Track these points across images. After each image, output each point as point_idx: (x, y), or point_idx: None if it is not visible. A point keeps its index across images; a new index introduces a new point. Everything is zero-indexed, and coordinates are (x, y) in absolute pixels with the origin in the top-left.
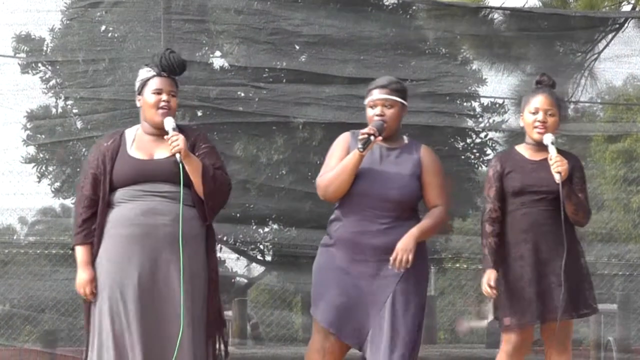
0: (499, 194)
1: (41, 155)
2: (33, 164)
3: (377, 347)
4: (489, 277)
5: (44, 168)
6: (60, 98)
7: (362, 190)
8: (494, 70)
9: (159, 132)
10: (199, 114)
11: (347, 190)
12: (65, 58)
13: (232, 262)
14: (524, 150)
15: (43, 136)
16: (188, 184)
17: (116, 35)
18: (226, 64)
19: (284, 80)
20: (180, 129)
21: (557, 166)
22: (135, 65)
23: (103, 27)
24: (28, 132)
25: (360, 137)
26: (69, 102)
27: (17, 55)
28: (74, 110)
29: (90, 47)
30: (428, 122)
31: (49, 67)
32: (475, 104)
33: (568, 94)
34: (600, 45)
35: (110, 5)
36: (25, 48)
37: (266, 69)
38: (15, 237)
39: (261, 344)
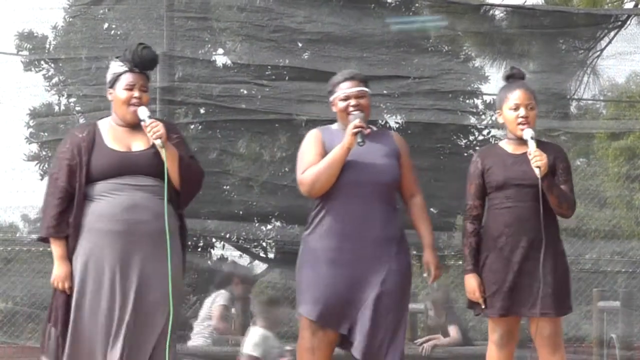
0: (479, 191)
1: (44, 153)
2: (36, 162)
3: (371, 341)
4: (474, 283)
5: (46, 166)
6: (63, 95)
7: (350, 179)
8: (496, 68)
9: (132, 126)
10: (202, 111)
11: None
12: (68, 55)
13: (235, 259)
14: (506, 145)
15: (46, 134)
16: (164, 176)
17: (119, 32)
18: (229, 62)
19: (287, 78)
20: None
21: (536, 160)
22: None
23: (106, 25)
24: (31, 129)
25: (354, 130)
26: (72, 100)
27: (20, 52)
28: (77, 108)
29: (93, 44)
30: (431, 119)
31: (52, 65)
32: (478, 101)
33: (571, 91)
34: (603, 43)
35: (113, 3)
36: (28, 46)
37: (269, 67)
38: (17, 235)
39: None
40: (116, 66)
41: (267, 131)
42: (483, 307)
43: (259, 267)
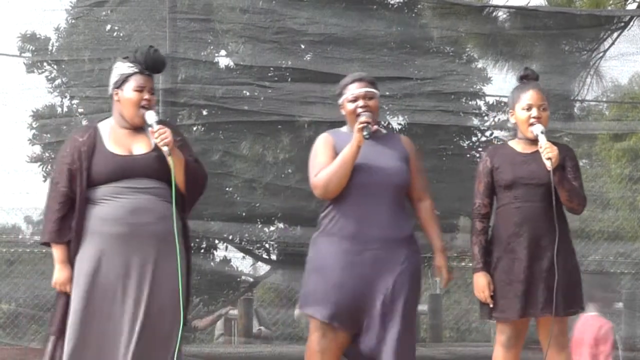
0: (488, 189)
1: (47, 155)
2: (39, 163)
3: (374, 339)
4: (483, 282)
5: (49, 167)
6: (65, 97)
7: (360, 180)
8: (498, 69)
9: (134, 128)
10: (205, 113)
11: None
12: (71, 57)
13: (238, 261)
14: (515, 144)
15: (49, 135)
16: (168, 179)
17: (122, 34)
18: (232, 63)
19: (290, 79)
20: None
21: (547, 153)
22: None
23: (108, 26)
24: (34, 131)
25: (360, 125)
26: (75, 102)
27: (23, 54)
28: (80, 110)
29: (96, 46)
30: (433, 120)
31: (55, 67)
32: (481, 103)
33: (574, 92)
34: (606, 44)
35: (116, 4)
36: (31, 47)
37: (271, 68)
38: (20, 237)
39: (267, 343)
40: (124, 67)
41: (269, 133)
42: (491, 306)
43: (262, 268)
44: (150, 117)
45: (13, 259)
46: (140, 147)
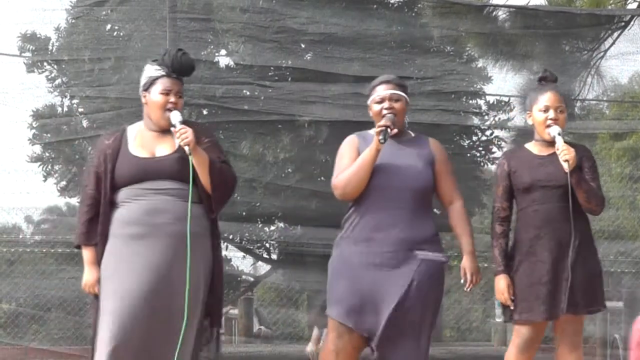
0: (506, 193)
1: (47, 154)
2: (39, 163)
3: (391, 341)
4: (503, 284)
5: (49, 167)
6: (66, 97)
7: (380, 183)
8: (499, 68)
9: (162, 130)
10: (205, 112)
11: (364, 186)
12: (71, 57)
13: (238, 260)
14: (532, 147)
15: (49, 135)
16: (194, 179)
17: (122, 34)
18: (232, 63)
19: (290, 79)
20: (183, 123)
21: (565, 154)
22: (142, 64)
23: (109, 26)
24: (34, 131)
25: (378, 129)
26: (75, 101)
27: (23, 54)
28: (80, 109)
29: (96, 46)
30: (433, 120)
31: (55, 66)
32: (481, 102)
33: (574, 91)
34: (606, 43)
35: (116, 4)
36: (31, 47)
37: (272, 68)
38: (21, 236)
39: (267, 342)
40: (152, 69)
41: (270, 132)
42: (512, 308)
43: (262, 268)
44: (175, 117)
45: (13, 258)
46: (163, 148)
